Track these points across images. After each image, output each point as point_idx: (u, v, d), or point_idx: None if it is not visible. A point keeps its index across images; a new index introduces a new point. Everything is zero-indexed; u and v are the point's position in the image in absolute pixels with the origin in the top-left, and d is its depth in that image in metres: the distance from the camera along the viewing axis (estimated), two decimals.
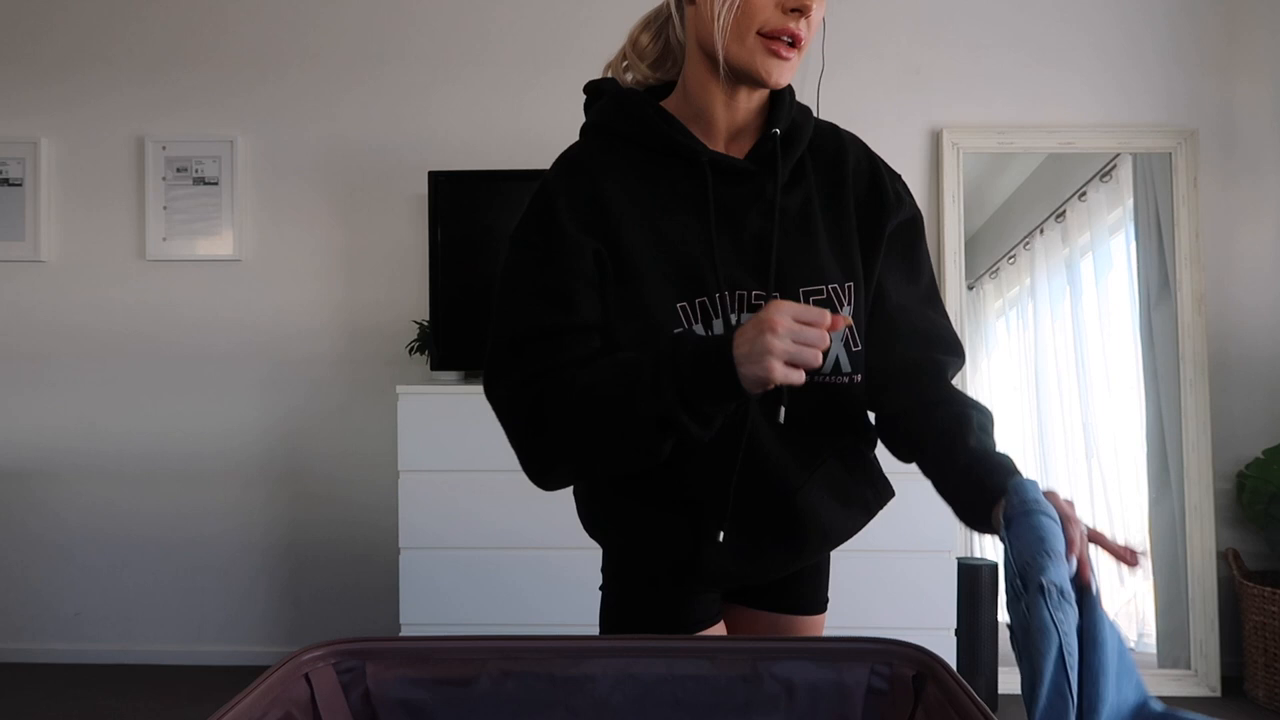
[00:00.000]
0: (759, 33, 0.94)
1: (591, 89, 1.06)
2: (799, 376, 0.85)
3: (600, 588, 1.15)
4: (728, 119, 0.99)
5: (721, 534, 1.01)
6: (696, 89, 0.99)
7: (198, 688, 2.82)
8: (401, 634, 2.50)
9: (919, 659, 0.93)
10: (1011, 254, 3.03)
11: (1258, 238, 2.94)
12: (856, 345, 0.99)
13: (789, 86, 1.00)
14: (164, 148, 3.01)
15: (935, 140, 2.95)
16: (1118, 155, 2.94)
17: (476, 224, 2.74)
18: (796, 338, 0.83)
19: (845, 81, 2.93)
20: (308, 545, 3.03)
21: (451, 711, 0.95)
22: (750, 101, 0.99)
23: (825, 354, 0.92)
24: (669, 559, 1.05)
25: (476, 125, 2.98)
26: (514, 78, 2.98)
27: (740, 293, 0.95)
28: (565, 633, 1.74)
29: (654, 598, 1.10)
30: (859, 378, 1.01)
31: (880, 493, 1.20)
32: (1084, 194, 2.98)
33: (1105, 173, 2.95)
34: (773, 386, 0.85)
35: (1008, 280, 3.02)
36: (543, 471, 0.99)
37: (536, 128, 2.96)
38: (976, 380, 2.97)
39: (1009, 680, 2.73)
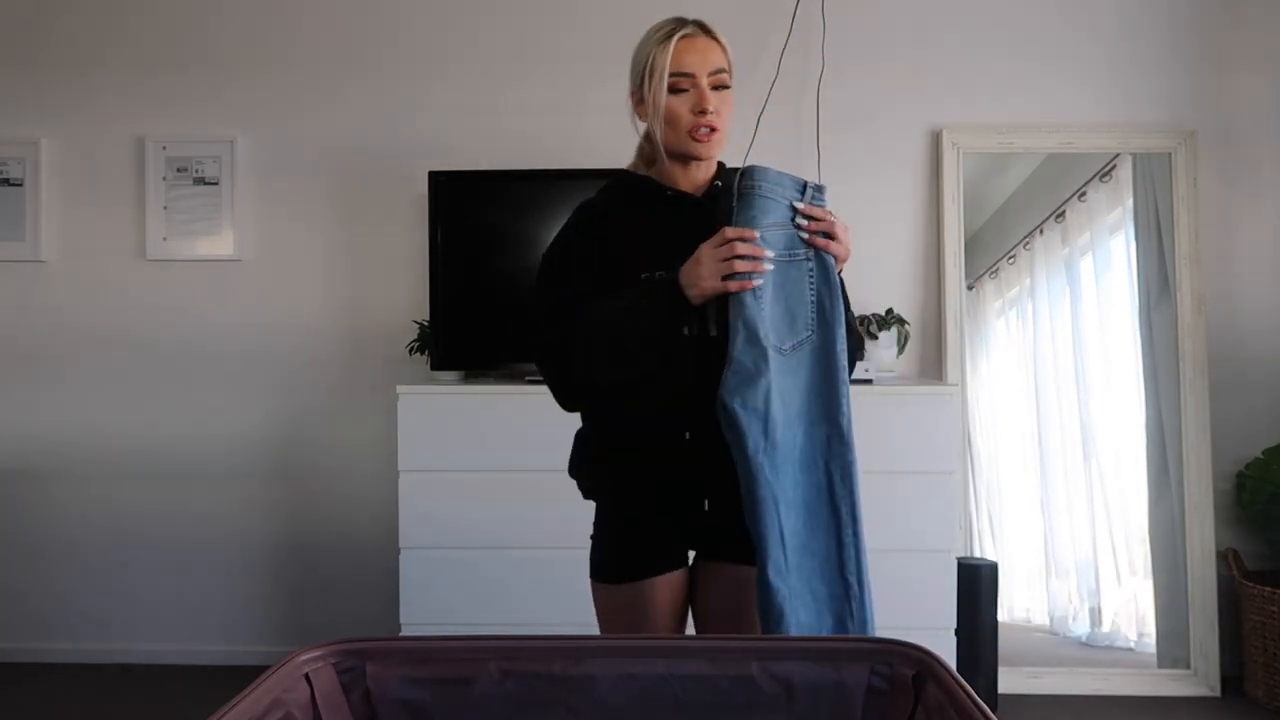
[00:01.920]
0: (686, 131, 1.40)
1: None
2: (742, 284, 1.30)
3: (590, 537, 1.49)
4: (687, 181, 1.47)
5: (688, 433, 1.38)
6: (668, 169, 1.47)
7: (198, 688, 2.82)
8: (401, 634, 2.50)
9: (919, 659, 0.93)
10: (1011, 254, 3.03)
11: (1257, 238, 2.94)
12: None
13: (720, 162, 1.50)
14: (164, 148, 3.00)
15: (935, 140, 2.95)
16: (1117, 155, 2.93)
17: (476, 224, 2.74)
18: (721, 257, 1.30)
19: (845, 81, 2.93)
20: (308, 545, 3.03)
21: (451, 711, 0.95)
22: (700, 169, 1.47)
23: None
24: (639, 496, 1.43)
25: (476, 125, 2.98)
26: (515, 78, 2.98)
27: None
28: (565, 633, 1.74)
29: (630, 535, 1.44)
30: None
31: None
32: (1084, 194, 2.98)
33: (1105, 173, 2.95)
34: (712, 296, 1.32)
35: (1008, 280, 3.02)
36: (570, 392, 1.42)
37: (537, 128, 2.96)
38: (976, 380, 2.97)
39: (1009, 680, 2.73)
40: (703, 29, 1.41)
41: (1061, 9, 2.94)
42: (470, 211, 2.74)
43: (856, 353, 1.45)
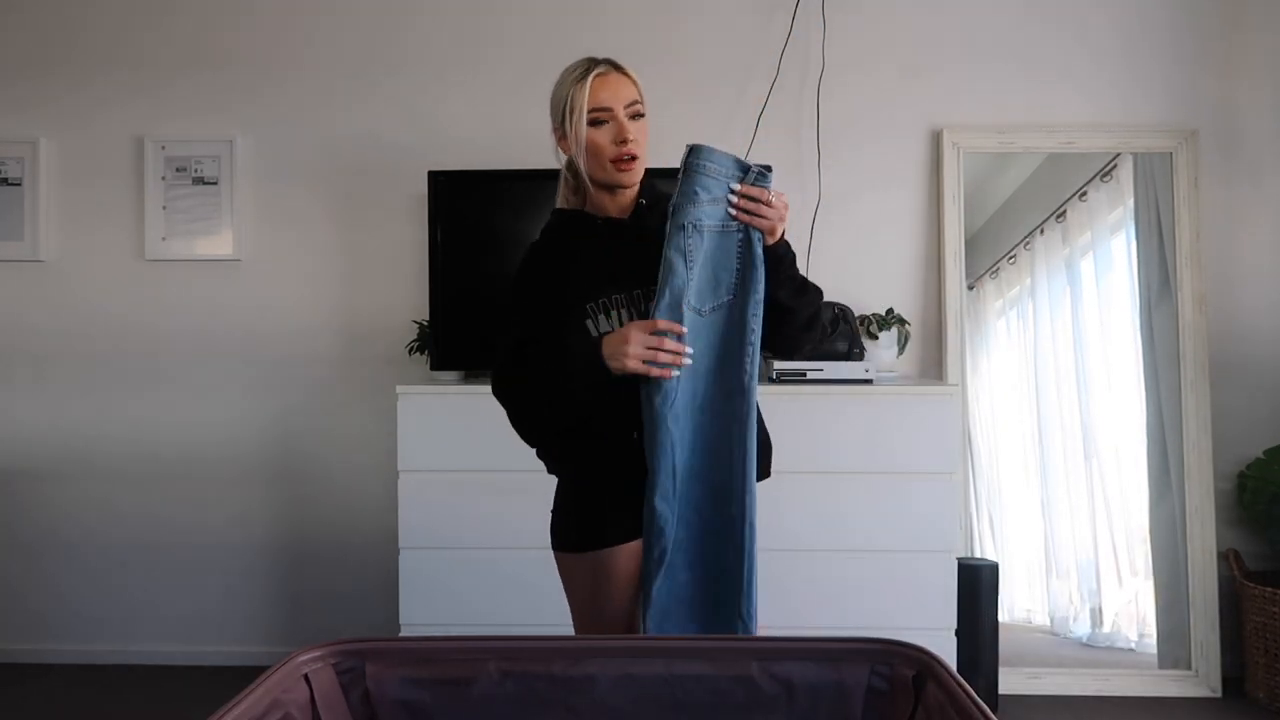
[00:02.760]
0: (609, 160, 1.52)
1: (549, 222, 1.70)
2: (662, 372, 1.45)
3: (551, 511, 1.63)
4: (615, 206, 1.60)
5: (635, 433, 1.51)
6: (595, 197, 1.61)
7: (198, 688, 2.82)
8: (401, 634, 2.49)
9: (919, 659, 0.93)
10: (1012, 254, 3.03)
11: (1258, 238, 2.93)
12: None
13: (646, 174, 1.60)
14: (163, 148, 3.00)
15: (935, 140, 2.95)
16: (1118, 155, 2.93)
17: (476, 224, 2.74)
18: (648, 344, 1.44)
19: (845, 81, 2.93)
20: (307, 545, 3.03)
21: (451, 711, 0.95)
22: (624, 193, 1.59)
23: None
24: (598, 475, 1.57)
25: (476, 125, 2.98)
26: (514, 78, 2.98)
27: (621, 294, 1.55)
28: (565, 633, 1.74)
29: (586, 509, 1.57)
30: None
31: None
32: (1084, 194, 2.97)
33: (1105, 172, 2.95)
34: (630, 373, 1.45)
35: (1008, 280, 3.02)
36: (529, 427, 1.57)
37: (536, 128, 2.93)
38: (976, 380, 2.96)
39: (1009, 680, 2.73)
40: (614, 66, 1.54)
41: (1062, 9, 2.94)
42: (470, 211, 2.74)
43: (818, 316, 1.62)
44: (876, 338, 2.78)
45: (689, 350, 1.46)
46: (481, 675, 0.96)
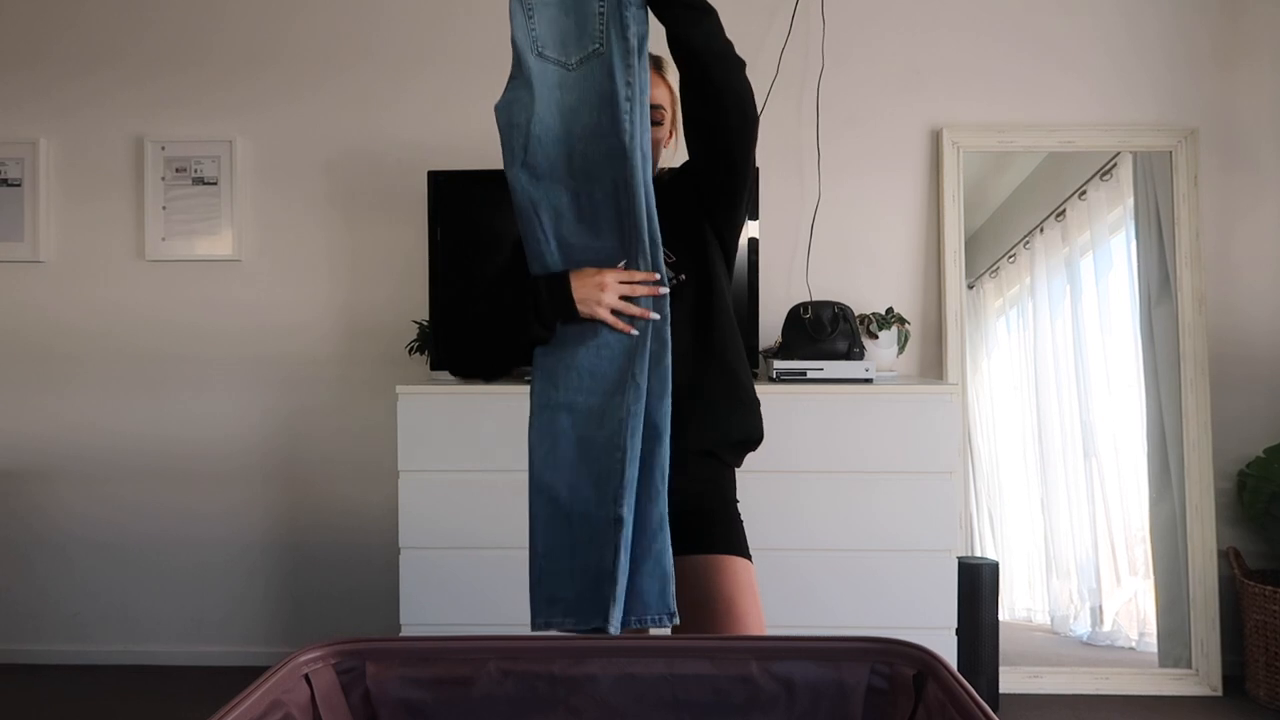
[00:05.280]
0: None
1: None
2: (623, 327, 1.41)
3: None
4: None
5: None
6: None
7: (198, 688, 2.82)
8: (401, 634, 2.49)
9: (919, 658, 0.93)
10: (1011, 253, 3.03)
11: (1258, 236, 2.93)
12: (672, 258, 1.52)
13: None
14: (163, 148, 3.00)
15: (935, 140, 2.95)
16: (1118, 154, 2.93)
17: (476, 224, 2.74)
18: (621, 294, 1.41)
19: (845, 81, 2.93)
20: (307, 545, 3.03)
21: (451, 711, 0.95)
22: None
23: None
24: None
25: (476, 125, 2.98)
26: None
27: None
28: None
29: None
30: (683, 276, 1.53)
31: (738, 401, 1.56)
32: (1084, 193, 2.97)
33: (1105, 171, 2.95)
34: (592, 318, 1.41)
35: (1008, 279, 3.02)
36: (458, 359, 1.66)
37: None
38: (976, 380, 2.96)
39: (1010, 679, 2.73)
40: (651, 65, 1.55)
41: (1062, 7, 2.94)
42: (470, 211, 2.74)
43: (720, 45, 1.43)
44: (876, 337, 2.78)
45: (654, 317, 1.41)
46: (482, 675, 0.96)
